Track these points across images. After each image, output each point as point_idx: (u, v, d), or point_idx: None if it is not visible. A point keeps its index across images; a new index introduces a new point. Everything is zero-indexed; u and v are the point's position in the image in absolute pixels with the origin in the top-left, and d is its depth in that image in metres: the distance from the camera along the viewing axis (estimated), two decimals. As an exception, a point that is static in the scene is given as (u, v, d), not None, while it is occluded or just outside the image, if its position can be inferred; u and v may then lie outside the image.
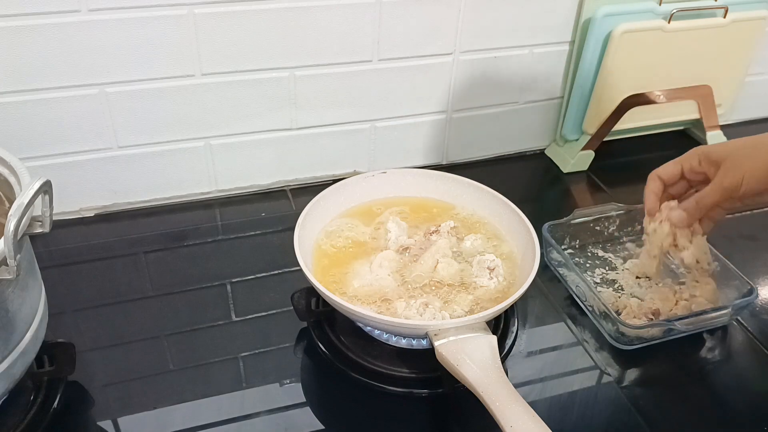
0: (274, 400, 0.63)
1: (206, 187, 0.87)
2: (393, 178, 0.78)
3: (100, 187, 0.82)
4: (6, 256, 0.47)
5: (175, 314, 0.71)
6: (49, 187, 0.51)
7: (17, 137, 0.75)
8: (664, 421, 0.63)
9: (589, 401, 0.65)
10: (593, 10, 0.87)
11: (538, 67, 0.92)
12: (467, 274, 0.68)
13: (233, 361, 0.67)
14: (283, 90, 0.82)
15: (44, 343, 0.58)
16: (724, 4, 0.90)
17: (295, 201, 0.89)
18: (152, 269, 0.78)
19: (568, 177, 0.97)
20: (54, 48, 0.71)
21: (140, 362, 0.66)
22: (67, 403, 0.60)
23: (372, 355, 0.65)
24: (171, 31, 0.74)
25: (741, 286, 0.71)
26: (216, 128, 0.83)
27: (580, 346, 0.70)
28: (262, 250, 0.81)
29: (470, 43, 0.87)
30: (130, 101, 0.77)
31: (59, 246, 0.79)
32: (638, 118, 0.97)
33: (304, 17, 0.78)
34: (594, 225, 0.80)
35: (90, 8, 0.70)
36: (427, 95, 0.89)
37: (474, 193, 0.76)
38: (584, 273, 0.76)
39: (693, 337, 0.71)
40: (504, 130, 0.97)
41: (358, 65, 0.84)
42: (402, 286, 0.67)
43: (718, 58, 0.96)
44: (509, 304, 0.61)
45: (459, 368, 0.56)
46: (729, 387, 0.67)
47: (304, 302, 0.68)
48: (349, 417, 0.63)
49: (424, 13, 0.82)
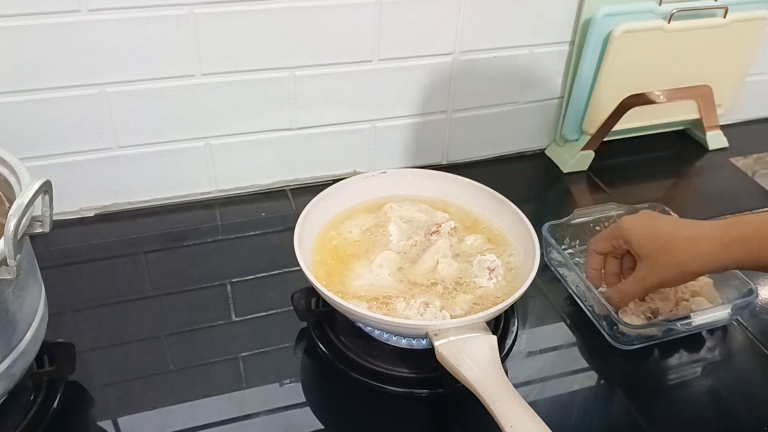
0: (274, 400, 0.63)
1: (206, 187, 0.87)
2: (393, 178, 0.78)
3: (100, 187, 0.82)
4: (6, 256, 0.47)
5: (175, 314, 0.71)
6: (49, 187, 0.51)
7: (17, 137, 0.75)
8: (663, 421, 0.63)
9: (589, 401, 0.65)
10: (593, 10, 0.87)
11: (538, 67, 0.92)
12: (467, 274, 0.68)
13: (233, 361, 0.67)
14: (283, 90, 0.82)
15: (44, 343, 0.58)
16: (724, 4, 0.90)
17: (295, 201, 0.89)
18: (152, 269, 0.78)
19: (568, 177, 0.97)
20: (54, 48, 0.71)
21: (140, 362, 0.66)
22: (67, 403, 0.60)
23: (372, 355, 0.65)
24: (171, 31, 0.74)
25: (741, 286, 0.71)
26: (216, 128, 0.83)
27: (580, 346, 0.70)
28: (262, 250, 0.81)
29: (470, 43, 0.87)
30: (130, 101, 0.77)
31: (59, 246, 0.79)
32: (638, 118, 0.97)
33: (304, 17, 0.78)
34: (594, 225, 0.80)
35: (90, 8, 0.70)
36: (427, 95, 0.89)
37: (474, 193, 0.76)
38: (584, 273, 0.76)
39: (693, 337, 0.71)
40: (504, 130, 0.97)
41: (358, 65, 0.84)
42: (402, 286, 0.67)
43: (718, 58, 0.96)
44: (509, 304, 0.61)
45: (459, 368, 0.56)
46: (729, 387, 0.67)
47: (304, 302, 0.68)
48: (349, 417, 0.63)
49: (424, 13, 0.82)
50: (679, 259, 0.62)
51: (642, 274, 0.64)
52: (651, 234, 0.64)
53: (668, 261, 0.62)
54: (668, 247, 0.62)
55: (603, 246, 0.69)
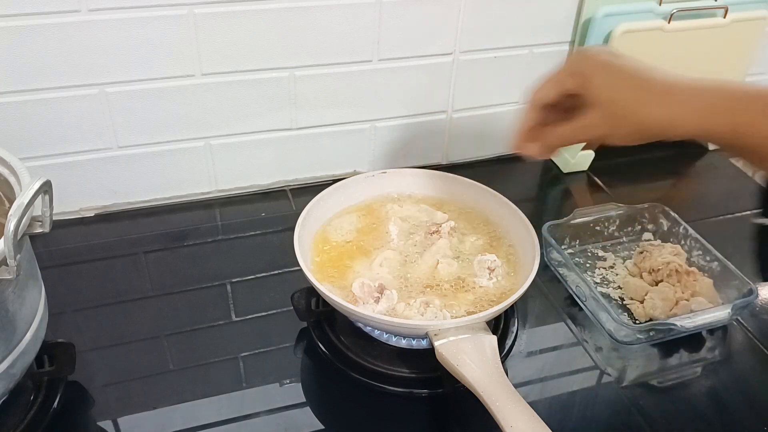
0: (274, 400, 0.63)
1: (206, 187, 0.87)
2: (393, 178, 0.78)
3: (100, 187, 0.82)
4: (6, 256, 0.47)
5: (175, 314, 0.71)
6: (49, 187, 0.51)
7: (17, 137, 0.75)
8: (664, 421, 0.63)
9: (589, 401, 0.65)
10: (593, 10, 0.87)
11: (538, 67, 0.92)
12: (467, 274, 0.68)
13: (233, 361, 0.67)
14: (283, 90, 0.82)
15: (44, 343, 0.58)
16: (724, 4, 0.90)
17: (295, 201, 0.89)
18: (152, 269, 0.78)
19: (568, 177, 0.97)
20: (54, 48, 0.71)
21: (140, 362, 0.66)
22: (67, 403, 0.60)
23: (372, 355, 0.65)
24: (171, 31, 0.74)
25: (741, 286, 0.71)
26: (216, 128, 0.83)
27: (580, 346, 0.70)
28: (262, 250, 0.81)
29: (470, 43, 0.87)
30: (130, 101, 0.77)
31: (59, 246, 0.79)
32: (638, 118, 0.96)
33: (304, 17, 0.78)
34: (594, 225, 0.80)
35: (90, 8, 0.70)
36: (427, 95, 0.89)
37: (474, 193, 0.76)
38: (584, 273, 0.76)
39: (693, 337, 0.71)
40: (504, 130, 0.97)
41: (358, 65, 0.83)
42: (402, 286, 0.67)
43: (718, 58, 0.96)
44: (509, 304, 0.61)
45: (459, 368, 0.56)
46: (729, 387, 0.67)
47: (304, 302, 0.68)
48: (349, 417, 0.63)
49: (424, 13, 0.82)
50: (640, 115, 0.51)
51: (588, 120, 0.53)
52: (617, 77, 0.53)
53: (627, 113, 0.52)
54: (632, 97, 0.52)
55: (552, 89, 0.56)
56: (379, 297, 0.63)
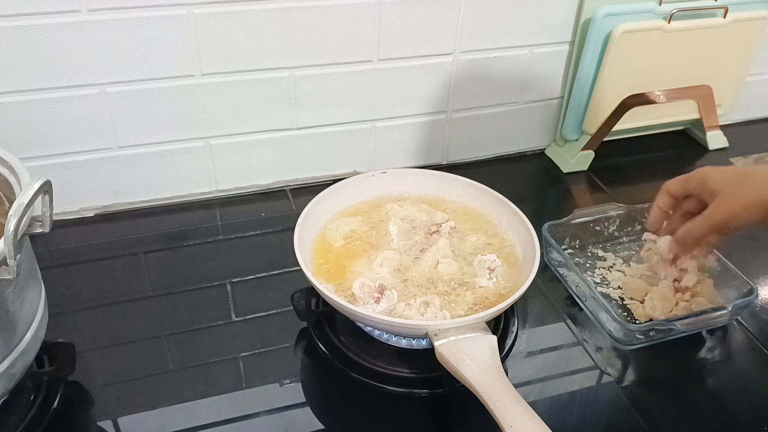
0: (274, 400, 0.63)
1: (206, 187, 0.87)
2: (393, 178, 0.78)
3: (100, 187, 0.82)
4: (6, 256, 0.47)
5: (175, 314, 0.71)
6: (49, 187, 0.51)
7: (17, 137, 0.75)
8: (664, 421, 0.63)
9: (589, 401, 0.65)
10: (593, 10, 0.87)
11: (538, 67, 0.92)
12: (467, 274, 0.68)
13: (233, 361, 0.67)
14: (283, 90, 0.82)
15: (44, 343, 0.58)
16: (724, 4, 0.90)
17: (295, 201, 0.89)
18: (152, 269, 0.78)
19: (568, 177, 0.97)
20: (54, 48, 0.71)
21: (140, 362, 0.66)
22: (67, 403, 0.60)
23: (372, 355, 0.65)
24: (171, 31, 0.74)
25: (741, 286, 0.71)
26: (216, 128, 0.83)
27: (580, 346, 0.70)
28: (262, 250, 0.81)
29: (470, 43, 0.87)
30: (130, 101, 0.77)
31: (59, 246, 0.79)
32: (638, 118, 0.97)
33: (303, 17, 0.78)
34: (594, 225, 0.80)
35: (90, 8, 0.70)
36: (427, 95, 0.89)
37: (474, 193, 0.76)
38: (584, 273, 0.76)
39: (693, 337, 0.71)
40: (504, 130, 0.97)
41: (358, 65, 0.84)
42: (402, 286, 0.67)
43: (718, 58, 0.96)
44: (509, 304, 0.61)
45: (459, 368, 0.56)
46: (729, 387, 0.67)
47: (304, 302, 0.68)
48: (349, 417, 0.63)
49: (424, 13, 0.82)
50: (752, 187, 0.60)
51: (711, 208, 0.62)
52: (727, 171, 0.64)
53: (741, 190, 0.61)
54: (743, 179, 0.61)
55: (676, 186, 0.67)
56: (379, 297, 0.63)
